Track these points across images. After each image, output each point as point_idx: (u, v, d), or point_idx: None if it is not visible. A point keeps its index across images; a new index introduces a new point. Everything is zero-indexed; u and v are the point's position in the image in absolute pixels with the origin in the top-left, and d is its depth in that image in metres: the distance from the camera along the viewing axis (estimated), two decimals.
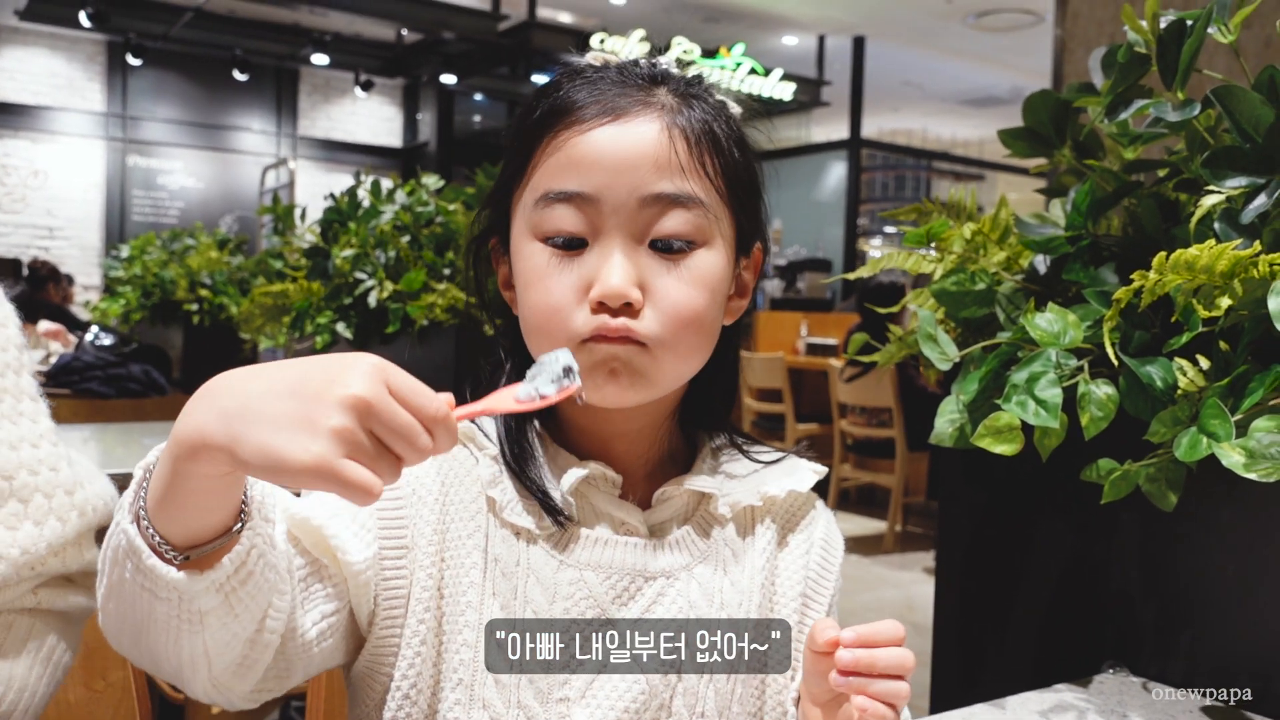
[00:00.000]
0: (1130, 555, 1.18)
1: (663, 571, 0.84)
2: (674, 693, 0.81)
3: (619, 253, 0.78)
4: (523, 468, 0.83)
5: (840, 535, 0.95)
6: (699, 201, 0.79)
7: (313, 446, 0.54)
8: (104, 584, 0.66)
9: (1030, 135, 1.33)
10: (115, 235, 10.67)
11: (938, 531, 1.49)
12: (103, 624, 0.68)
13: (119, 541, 0.62)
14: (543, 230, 0.80)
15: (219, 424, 0.55)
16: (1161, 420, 1.00)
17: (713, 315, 0.82)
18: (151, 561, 0.60)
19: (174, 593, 0.61)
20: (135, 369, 3.54)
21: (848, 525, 5.85)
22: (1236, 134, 1.05)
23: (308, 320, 2.97)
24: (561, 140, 0.79)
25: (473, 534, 0.81)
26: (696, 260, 0.80)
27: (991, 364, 1.15)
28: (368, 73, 11.64)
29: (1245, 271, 0.98)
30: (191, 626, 0.63)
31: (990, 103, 12.14)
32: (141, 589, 0.61)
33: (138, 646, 0.67)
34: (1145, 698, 1.07)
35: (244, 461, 0.55)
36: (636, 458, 0.87)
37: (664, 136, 0.79)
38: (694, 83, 0.85)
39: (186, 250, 6.34)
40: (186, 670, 0.66)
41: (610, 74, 0.82)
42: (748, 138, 0.87)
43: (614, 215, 0.78)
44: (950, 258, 1.32)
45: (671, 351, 0.79)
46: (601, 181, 0.78)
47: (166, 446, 0.59)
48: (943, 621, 1.46)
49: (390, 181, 3.11)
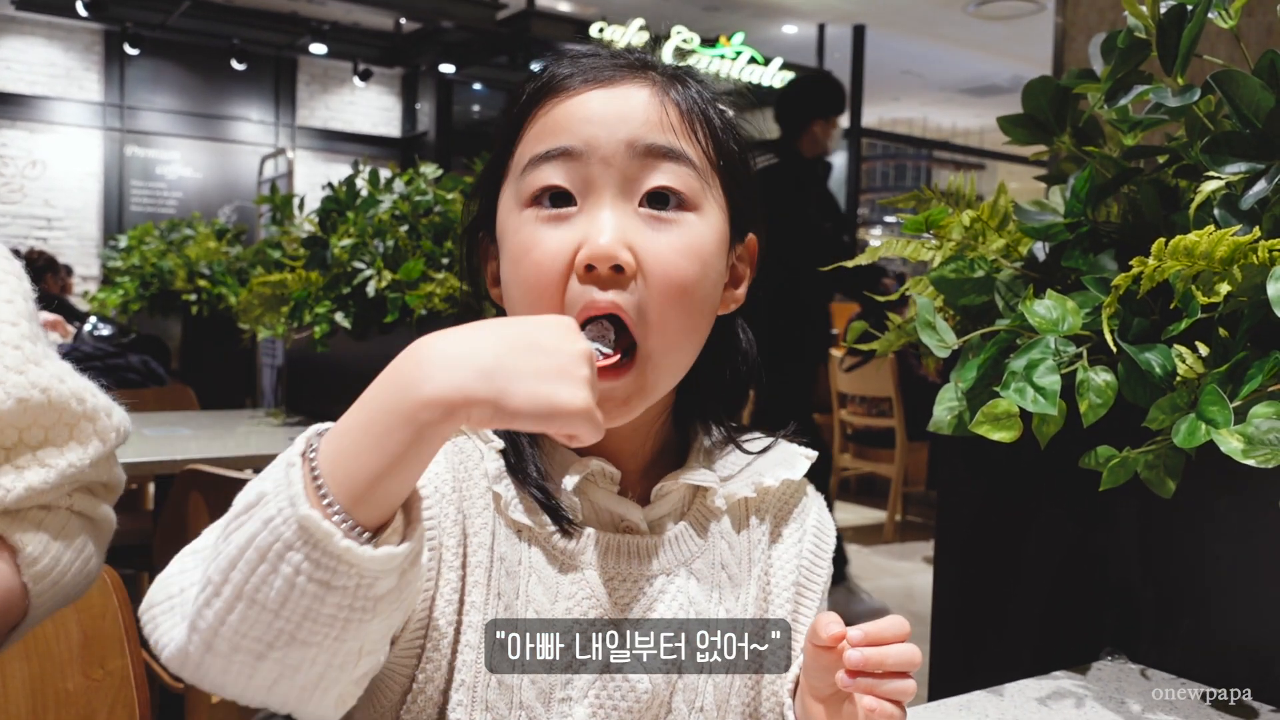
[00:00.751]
0: (1129, 542, 1.18)
1: (663, 569, 0.83)
2: (674, 689, 0.81)
3: (608, 210, 0.76)
4: (523, 469, 0.82)
5: (832, 521, 0.95)
6: (689, 159, 0.78)
7: (579, 393, 0.58)
8: (225, 594, 0.57)
9: (1029, 122, 1.33)
10: (113, 225, 10.64)
11: (937, 519, 1.49)
12: (197, 648, 0.58)
13: (274, 534, 0.55)
14: (529, 192, 0.77)
15: (480, 380, 0.56)
16: (1160, 407, 1.00)
17: (704, 291, 0.79)
18: (344, 544, 0.55)
19: (356, 578, 0.56)
20: (134, 359, 3.54)
21: (848, 515, 5.86)
22: (1236, 119, 1.05)
23: (306, 310, 2.97)
24: (547, 108, 0.78)
25: (481, 532, 0.80)
26: (688, 225, 0.78)
27: (990, 351, 1.14)
28: (366, 62, 11.61)
29: (1244, 257, 0.98)
30: (362, 617, 0.57)
31: (991, 91, 12.12)
32: (310, 582, 0.55)
33: (261, 664, 0.58)
34: (1143, 684, 1.07)
35: (514, 411, 0.57)
36: (633, 453, 0.86)
37: (655, 100, 0.78)
38: (683, 68, 0.84)
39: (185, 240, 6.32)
40: (327, 680, 0.59)
41: (602, 54, 0.82)
42: (741, 130, 0.86)
43: (602, 168, 0.76)
44: (949, 245, 1.31)
45: (660, 334, 0.76)
46: (589, 134, 0.76)
47: (395, 414, 0.56)
48: (942, 609, 1.46)
49: (388, 171, 3.11)
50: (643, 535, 0.84)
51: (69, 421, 0.87)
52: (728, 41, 10.08)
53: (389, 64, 11.90)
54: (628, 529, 0.84)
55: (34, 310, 0.91)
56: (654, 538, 0.84)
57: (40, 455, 0.84)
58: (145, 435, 2.66)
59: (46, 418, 0.85)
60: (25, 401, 0.82)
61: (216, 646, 0.58)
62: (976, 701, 1.01)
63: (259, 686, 0.59)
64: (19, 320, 0.87)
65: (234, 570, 0.56)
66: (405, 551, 0.58)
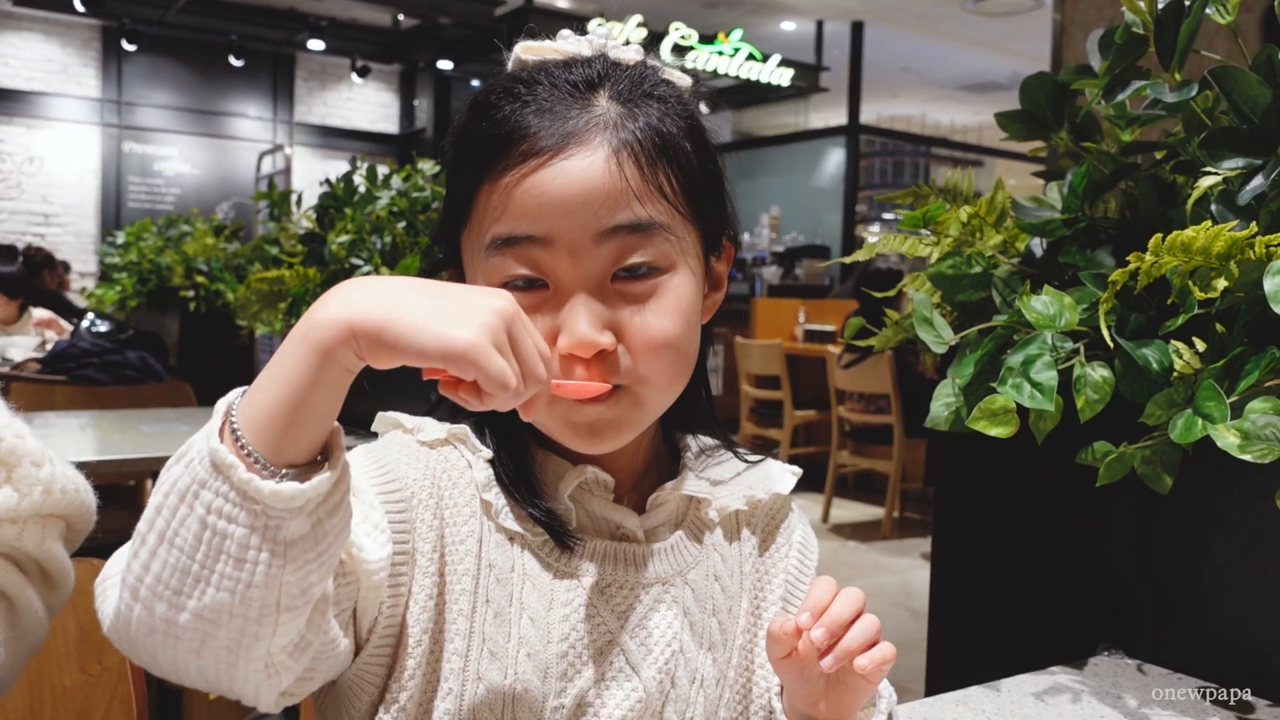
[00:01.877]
0: (1125, 538, 1.18)
1: (658, 578, 0.83)
2: (666, 700, 0.81)
3: (583, 296, 0.73)
4: (513, 478, 0.80)
5: (815, 538, 0.95)
6: (660, 225, 0.75)
7: (465, 332, 0.56)
8: (149, 541, 0.58)
9: (1027, 118, 1.32)
10: (111, 222, 10.64)
11: (934, 515, 1.49)
12: (126, 605, 0.60)
13: (191, 474, 0.57)
14: (498, 280, 0.75)
15: (370, 305, 0.57)
16: (1157, 402, 1.00)
17: (690, 338, 0.78)
18: (246, 476, 0.55)
19: (263, 516, 0.56)
20: (131, 356, 3.54)
21: (845, 512, 5.87)
22: (1234, 115, 1.05)
23: (304, 306, 2.97)
24: (504, 184, 0.74)
25: (466, 539, 0.78)
26: (665, 289, 0.76)
27: (987, 347, 1.14)
28: (364, 58, 11.60)
29: (1241, 253, 0.98)
30: (271, 561, 0.57)
31: (989, 88, 12.11)
32: (219, 519, 0.56)
33: (180, 616, 0.58)
34: (1140, 679, 1.07)
35: (392, 341, 0.56)
36: (626, 463, 0.85)
37: (612, 164, 0.73)
38: (638, 78, 0.79)
39: (182, 237, 6.33)
40: (247, 639, 0.58)
41: (544, 88, 0.76)
42: (702, 123, 0.82)
43: (570, 256, 0.73)
44: (946, 241, 1.31)
45: (653, 386, 0.76)
46: (552, 224, 0.73)
47: (292, 340, 0.58)
48: (939, 605, 1.46)
49: (386, 167, 3.10)
50: (639, 544, 0.83)
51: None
52: (726, 38, 10.07)
53: (387, 60, 11.90)
54: (624, 537, 0.83)
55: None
56: (650, 546, 0.83)
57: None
58: (143, 432, 2.66)
59: None
60: None
61: (141, 596, 0.58)
62: (973, 697, 1.01)
63: (185, 652, 0.59)
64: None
65: (158, 516, 0.58)
66: (310, 490, 0.57)
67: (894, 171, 14.73)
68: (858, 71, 10.56)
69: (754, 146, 11.84)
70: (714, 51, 10.00)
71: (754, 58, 10.27)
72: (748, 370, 6.15)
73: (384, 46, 11.46)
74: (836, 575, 0.76)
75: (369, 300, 0.57)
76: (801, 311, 7.33)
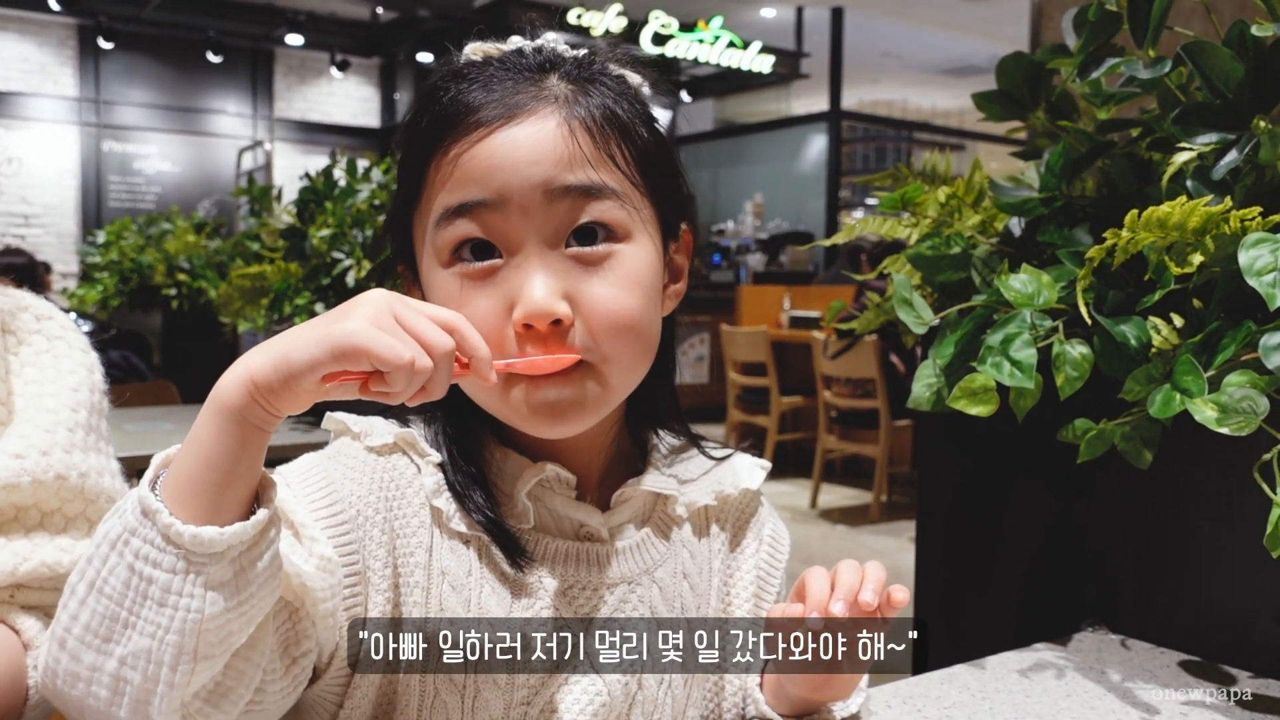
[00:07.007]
0: (1108, 514, 1.18)
1: (624, 578, 0.81)
2: (632, 702, 0.79)
3: (537, 262, 0.71)
4: (462, 482, 0.78)
5: (786, 531, 0.94)
6: (613, 191, 0.73)
7: (347, 324, 0.58)
8: (79, 591, 0.60)
9: (1004, 98, 1.33)
10: (91, 221, 10.56)
11: (918, 496, 1.50)
12: (54, 659, 0.61)
13: (123, 523, 0.59)
14: (447, 248, 0.73)
15: (263, 354, 0.59)
16: (1135, 378, 1.01)
17: (650, 315, 0.76)
18: (169, 519, 0.57)
19: (185, 560, 0.57)
20: (114, 355, 3.52)
21: (833, 497, 5.88)
22: (1207, 90, 1.05)
23: (286, 301, 2.95)
24: (452, 155, 0.73)
25: (415, 550, 0.76)
26: (621, 259, 0.74)
27: (967, 327, 1.15)
28: (344, 53, 11.53)
29: (1217, 228, 0.98)
30: (190, 604, 0.58)
31: (970, 72, 12.12)
32: (146, 564, 0.58)
33: (105, 662, 0.59)
34: (1123, 654, 1.08)
35: (286, 368, 0.58)
36: (589, 459, 0.82)
37: (563, 130, 0.72)
38: (587, 63, 0.78)
39: (164, 235, 6.29)
40: (162, 686, 0.58)
41: (494, 69, 0.76)
42: (653, 114, 0.80)
43: (522, 218, 0.71)
44: (925, 222, 1.31)
45: (616, 365, 0.74)
46: (501, 183, 0.71)
47: (204, 412, 0.60)
48: (924, 585, 1.47)
49: (366, 160, 3.09)
50: (602, 543, 0.81)
51: (91, 517, 0.84)
52: (706, 25, 10.05)
53: (366, 54, 11.83)
54: (587, 536, 0.81)
55: (101, 404, 0.90)
56: (614, 544, 0.81)
57: (60, 539, 0.81)
58: (127, 430, 2.64)
59: (70, 503, 0.83)
60: (41, 483, 0.81)
61: (69, 646, 0.60)
62: (958, 675, 1.02)
63: (105, 704, 0.60)
64: (79, 409, 0.87)
65: (89, 566, 0.60)
66: (231, 536, 0.58)
67: (876, 157, 14.74)
68: (838, 57, 10.55)
69: (736, 134, 11.84)
70: (694, 39, 9.98)
71: (734, 45, 10.26)
72: (734, 357, 6.16)
73: (363, 40, 11.40)
74: (825, 561, 0.76)
75: (261, 352, 0.60)
76: (786, 298, 7.34)
